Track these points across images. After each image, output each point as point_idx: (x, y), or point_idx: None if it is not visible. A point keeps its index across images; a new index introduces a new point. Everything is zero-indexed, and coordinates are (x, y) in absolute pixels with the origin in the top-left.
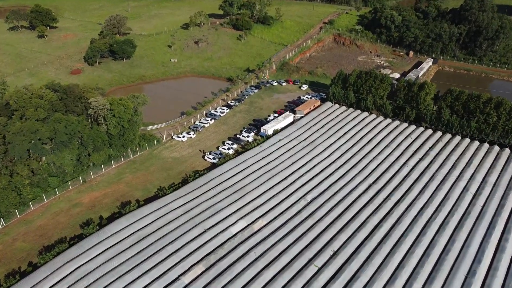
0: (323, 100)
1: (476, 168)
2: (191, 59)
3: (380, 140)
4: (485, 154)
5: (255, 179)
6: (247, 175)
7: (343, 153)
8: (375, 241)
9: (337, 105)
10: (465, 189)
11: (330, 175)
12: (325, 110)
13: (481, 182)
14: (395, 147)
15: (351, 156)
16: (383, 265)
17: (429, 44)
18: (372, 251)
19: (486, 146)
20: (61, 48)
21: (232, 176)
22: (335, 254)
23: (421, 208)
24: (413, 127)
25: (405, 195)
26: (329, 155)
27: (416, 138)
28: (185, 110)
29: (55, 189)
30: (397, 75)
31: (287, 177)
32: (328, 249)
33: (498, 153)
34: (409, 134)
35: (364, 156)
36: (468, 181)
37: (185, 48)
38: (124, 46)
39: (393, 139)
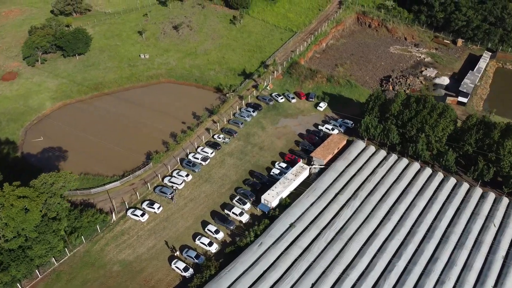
0: (349, 133)
1: None
2: (167, 54)
3: (447, 228)
4: None
5: None
6: None
7: (391, 261)
8: None
9: (372, 148)
10: None
11: None
12: (356, 158)
13: None
14: (474, 246)
15: (406, 267)
16: None
17: (485, 31)
18: None
19: None
20: None
21: None
22: None
23: None
24: (492, 197)
25: None
26: (368, 266)
27: (501, 222)
28: (152, 148)
29: None
30: (446, 80)
31: None
32: None
33: None
34: (489, 214)
35: (426, 269)
36: None
37: (160, 36)
38: (73, 40)
39: (466, 226)
